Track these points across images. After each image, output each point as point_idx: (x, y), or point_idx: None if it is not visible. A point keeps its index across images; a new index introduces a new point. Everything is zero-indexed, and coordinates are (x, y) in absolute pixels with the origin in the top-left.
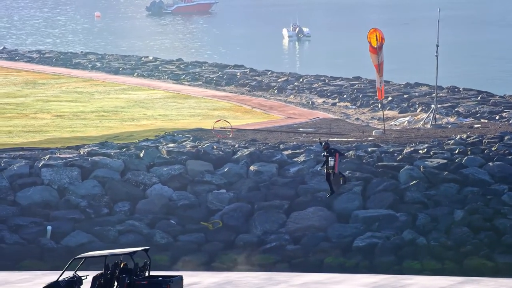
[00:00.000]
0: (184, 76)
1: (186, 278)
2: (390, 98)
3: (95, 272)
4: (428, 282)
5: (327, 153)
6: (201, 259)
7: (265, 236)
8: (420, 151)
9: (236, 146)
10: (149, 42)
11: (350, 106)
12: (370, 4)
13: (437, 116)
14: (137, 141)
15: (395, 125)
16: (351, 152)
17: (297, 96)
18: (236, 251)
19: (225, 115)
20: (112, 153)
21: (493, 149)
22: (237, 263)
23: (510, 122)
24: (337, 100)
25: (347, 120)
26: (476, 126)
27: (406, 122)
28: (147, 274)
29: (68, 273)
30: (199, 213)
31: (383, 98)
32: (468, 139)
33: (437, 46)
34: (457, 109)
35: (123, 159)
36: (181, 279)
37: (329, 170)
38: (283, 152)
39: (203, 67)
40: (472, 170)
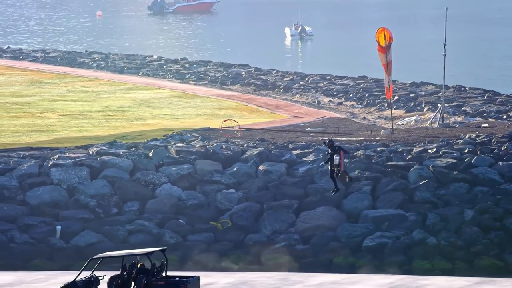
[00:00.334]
0: (189, 76)
1: (201, 279)
2: (397, 98)
3: (112, 273)
4: (445, 283)
5: (332, 151)
6: (211, 259)
7: (275, 236)
8: (430, 151)
9: (245, 146)
10: (152, 41)
11: (357, 106)
12: (369, 3)
13: (445, 116)
14: (146, 141)
15: (402, 125)
16: (360, 152)
17: (303, 96)
18: (245, 251)
19: (231, 115)
20: (121, 153)
21: (503, 149)
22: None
23: None
24: (343, 100)
25: (354, 120)
26: (484, 126)
27: (413, 122)
28: (164, 275)
29: (86, 273)
30: (208, 213)
31: (391, 98)
32: (477, 139)
33: (445, 45)
34: (464, 108)
35: (132, 159)
36: (198, 280)
37: (334, 168)
38: (292, 152)
39: (208, 66)
40: (482, 170)
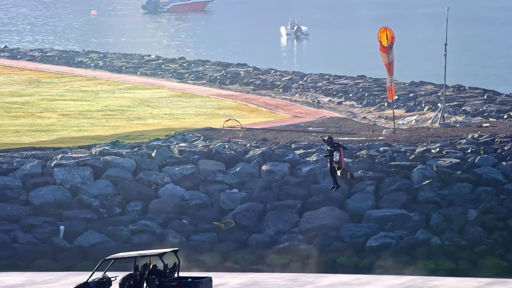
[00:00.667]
0: (188, 75)
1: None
2: (396, 97)
3: (125, 273)
4: (456, 284)
5: (331, 148)
6: (214, 259)
7: (278, 236)
8: (433, 151)
9: (248, 146)
10: (147, 40)
11: (356, 105)
12: (362, 2)
13: (445, 115)
14: (148, 141)
15: (403, 124)
16: (363, 152)
17: (303, 95)
18: (249, 251)
19: (231, 114)
20: (124, 153)
21: (506, 149)
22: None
23: None
24: (343, 99)
25: (354, 119)
26: (485, 125)
27: (414, 121)
28: (176, 275)
29: (98, 274)
30: (212, 213)
31: (393, 97)
32: (480, 139)
33: (446, 45)
34: (464, 108)
35: (135, 159)
36: (210, 281)
37: (334, 165)
38: (295, 152)
39: (206, 66)
40: (485, 170)
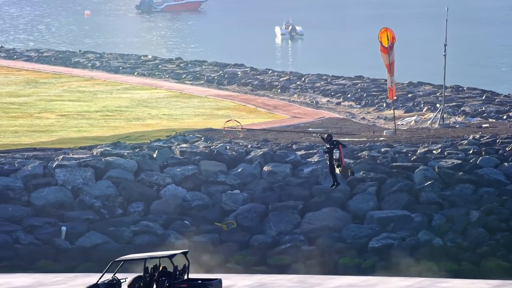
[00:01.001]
0: (185, 75)
1: None
2: (395, 98)
3: (134, 275)
4: (464, 286)
5: (330, 145)
6: (216, 260)
7: (280, 237)
8: (434, 151)
9: (249, 147)
10: (142, 40)
11: (355, 106)
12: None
13: (445, 116)
14: (149, 141)
15: (402, 125)
16: (365, 153)
17: (301, 96)
18: (251, 252)
19: (230, 115)
20: (125, 154)
21: (508, 149)
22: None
23: None
24: (342, 100)
25: (353, 120)
26: (485, 126)
27: (413, 122)
28: (186, 277)
29: (108, 276)
30: (213, 214)
31: (394, 98)
32: (482, 139)
33: (445, 46)
34: (463, 109)
35: (136, 160)
36: (220, 282)
37: (335, 163)
38: (296, 153)
39: (203, 66)
40: (487, 171)
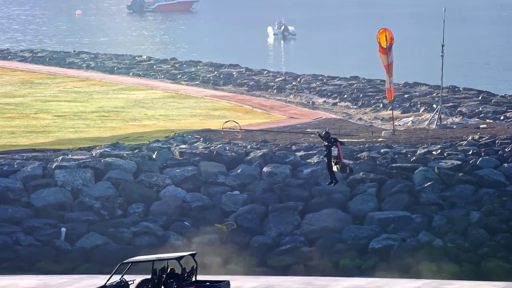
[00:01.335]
0: (181, 76)
1: None
2: (391, 98)
3: (142, 277)
4: None
5: (328, 143)
6: (216, 261)
7: (280, 238)
8: (434, 152)
9: (248, 147)
10: (134, 40)
11: (352, 106)
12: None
13: (442, 116)
14: (148, 142)
15: (399, 125)
16: (364, 153)
17: (297, 96)
18: (251, 253)
19: (226, 115)
20: (125, 155)
21: (507, 150)
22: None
23: None
24: (338, 100)
25: (350, 120)
26: (482, 126)
27: (410, 122)
28: (194, 279)
29: (115, 278)
30: (213, 215)
31: (392, 99)
32: (481, 140)
33: (443, 46)
34: (460, 109)
35: (136, 161)
36: (228, 284)
37: (334, 160)
38: (296, 153)
39: (198, 67)
40: (487, 172)
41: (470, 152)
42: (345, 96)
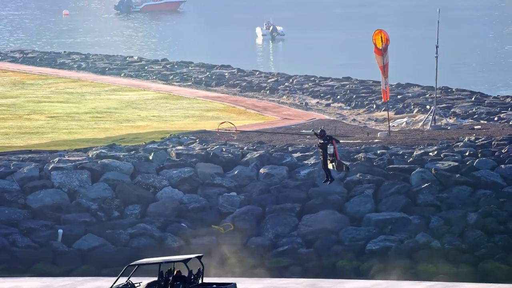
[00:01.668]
0: (173, 77)
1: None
2: (387, 99)
3: (149, 279)
4: None
5: (324, 141)
6: (213, 263)
7: (277, 239)
8: (430, 153)
9: (245, 149)
10: (123, 40)
11: (345, 107)
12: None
13: (436, 117)
14: (144, 144)
15: (393, 126)
16: (361, 155)
17: (290, 97)
18: (248, 254)
19: (220, 116)
20: (121, 156)
21: (504, 151)
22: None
23: (511, 123)
24: (331, 101)
25: (344, 121)
26: (477, 127)
27: (405, 123)
28: (201, 281)
29: (122, 280)
30: (210, 216)
31: (388, 100)
32: (477, 141)
33: (437, 47)
34: (454, 110)
35: (133, 162)
36: (235, 286)
37: (329, 158)
38: (293, 155)
39: (190, 67)
40: (484, 173)
41: (467, 153)
42: (338, 97)
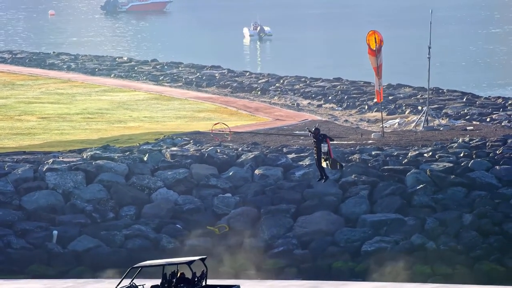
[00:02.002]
0: (163, 77)
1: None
2: (375, 100)
3: (153, 281)
4: None
5: (318, 139)
6: (209, 264)
7: (273, 241)
8: (425, 155)
9: (240, 150)
10: (110, 40)
11: (337, 108)
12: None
13: (429, 118)
14: (138, 145)
15: (386, 127)
16: (356, 156)
17: (281, 98)
18: (243, 256)
19: (212, 117)
20: (116, 157)
21: (498, 152)
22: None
23: (503, 124)
24: (322, 102)
25: (336, 122)
26: (469, 128)
27: (397, 124)
28: (204, 284)
29: (126, 282)
30: (205, 217)
31: (382, 101)
32: (471, 142)
33: (429, 48)
34: (446, 111)
35: (127, 163)
36: None
37: (323, 156)
38: (287, 156)
39: (180, 68)
40: (479, 174)
41: (462, 155)
42: (330, 98)
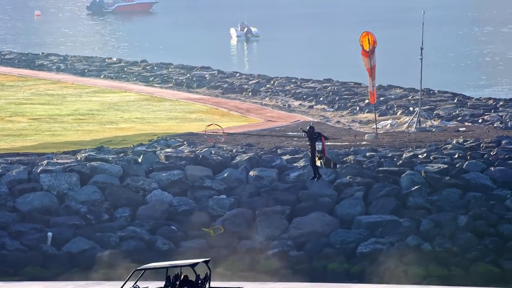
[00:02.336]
0: (153, 78)
1: None
2: (367, 101)
3: (156, 284)
4: None
5: (312, 137)
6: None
7: (268, 242)
8: (420, 156)
9: (234, 151)
10: (97, 41)
11: (328, 109)
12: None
13: (421, 119)
14: (132, 146)
15: (378, 128)
16: (350, 157)
17: (272, 99)
18: (239, 257)
19: (203, 118)
20: (110, 158)
21: (493, 154)
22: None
23: (495, 126)
24: (314, 103)
25: (328, 123)
26: (462, 130)
27: (389, 125)
28: (208, 286)
29: (129, 284)
30: (200, 219)
31: (375, 102)
32: (465, 144)
33: (422, 49)
34: (437, 112)
35: (122, 165)
36: None
37: (317, 155)
38: (282, 157)
39: (170, 69)
40: (474, 175)
41: (456, 156)
42: (321, 99)
